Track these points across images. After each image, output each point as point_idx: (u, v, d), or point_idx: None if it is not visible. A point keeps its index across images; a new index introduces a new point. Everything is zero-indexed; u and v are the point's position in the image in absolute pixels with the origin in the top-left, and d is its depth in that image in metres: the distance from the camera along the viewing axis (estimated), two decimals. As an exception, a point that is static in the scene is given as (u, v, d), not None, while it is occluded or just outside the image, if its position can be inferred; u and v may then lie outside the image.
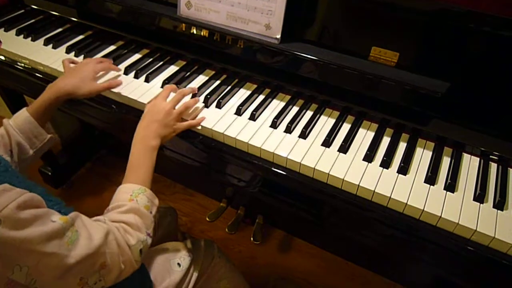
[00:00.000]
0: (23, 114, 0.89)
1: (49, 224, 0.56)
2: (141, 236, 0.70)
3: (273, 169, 0.87)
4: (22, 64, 1.14)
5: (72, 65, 1.04)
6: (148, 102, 0.93)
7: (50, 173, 1.77)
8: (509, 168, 0.85)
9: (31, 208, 0.55)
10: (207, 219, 1.62)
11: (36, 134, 0.90)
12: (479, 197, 0.78)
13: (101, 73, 1.03)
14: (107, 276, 0.64)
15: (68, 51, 1.15)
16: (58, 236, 0.56)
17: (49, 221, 0.56)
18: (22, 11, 1.31)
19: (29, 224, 0.53)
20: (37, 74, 1.12)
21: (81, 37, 1.22)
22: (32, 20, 1.28)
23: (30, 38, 1.19)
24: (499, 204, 0.77)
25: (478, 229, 0.73)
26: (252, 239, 1.60)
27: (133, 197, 0.74)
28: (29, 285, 0.55)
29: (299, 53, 0.92)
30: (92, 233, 0.62)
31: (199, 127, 0.92)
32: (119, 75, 1.06)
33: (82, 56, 1.13)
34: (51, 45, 1.16)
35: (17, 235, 0.51)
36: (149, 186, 0.79)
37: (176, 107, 0.90)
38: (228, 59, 1.04)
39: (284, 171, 0.87)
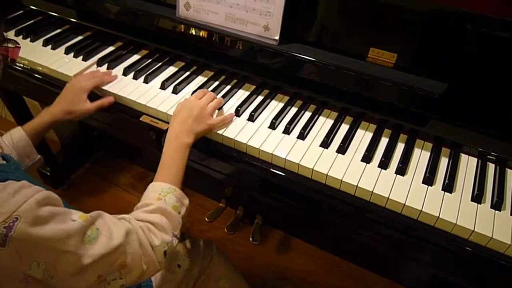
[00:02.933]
0: (19, 132, 0.91)
1: (69, 222, 0.56)
2: (166, 237, 0.69)
3: (271, 170, 0.88)
4: (21, 65, 1.14)
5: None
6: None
7: (49, 173, 1.78)
8: (506, 169, 0.86)
9: (49, 206, 0.55)
10: (206, 219, 1.62)
11: (28, 153, 0.92)
12: (477, 197, 0.78)
13: (97, 88, 1.01)
14: (128, 276, 0.63)
15: (67, 52, 1.15)
16: (77, 235, 0.56)
17: (69, 220, 0.56)
18: (21, 12, 1.31)
19: (48, 221, 0.53)
20: (36, 75, 1.12)
21: (80, 38, 1.22)
22: (31, 21, 1.28)
23: (29, 39, 1.19)
24: (497, 205, 0.77)
25: (476, 230, 0.73)
26: (251, 239, 1.61)
27: (161, 196, 0.73)
28: (46, 280, 0.55)
29: (297, 54, 0.93)
30: (113, 232, 0.61)
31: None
32: (117, 80, 1.05)
33: (81, 57, 1.13)
34: (50, 46, 1.16)
35: (36, 231, 0.51)
36: (180, 186, 0.78)
37: (209, 104, 0.90)
38: (226, 60, 1.04)
39: (283, 172, 0.87)
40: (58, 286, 0.57)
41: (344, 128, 0.93)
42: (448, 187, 0.80)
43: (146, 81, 1.05)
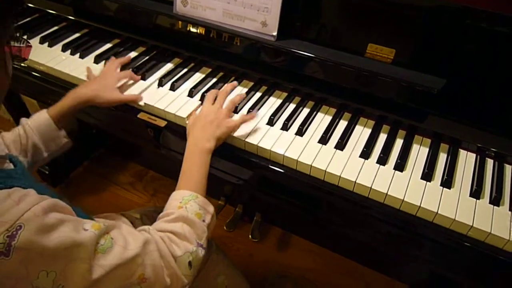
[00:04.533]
0: (43, 116, 0.87)
1: (80, 231, 0.53)
2: (189, 246, 0.65)
3: (270, 166, 0.87)
4: (18, 63, 1.14)
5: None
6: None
7: (47, 172, 1.78)
8: (505, 164, 0.85)
9: (57, 212, 0.52)
10: (205, 217, 1.62)
11: (54, 137, 0.89)
12: (476, 193, 0.78)
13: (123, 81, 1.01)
14: None
15: (64, 49, 1.14)
16: (88, 245, 0.53)
17: (81, 229, 0.53)
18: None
19: (55, 229, 0.50)
20: (33, 73, 1.11)
21: (77, 35, 1.21)
22: (28, 19, 1.27)
23: (25, 37, 1.18)
24: (495, 200, 0.77)
25: (474, 225, 0.73)
26: (250, 236, 1.61)
27: (182, 204, 0.70)
28: None
29: (295, 50, 0.92)
30: (130, 242, 0.58)
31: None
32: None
33: (78, 54, 1.12)
34: (47, 44, 1.16)
35: (42, 240, 0.48)
36: (203, 193, 0.75)
37: (224, 106, 0.89)
38: (224, 57, 1.03)
39: (281, 169, 0.87)
40: None
41: (342, 124, 0.93)
42: (447, 182, 0.80)
43: (143, 78, 1.04)
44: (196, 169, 0.77)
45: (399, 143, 0.89)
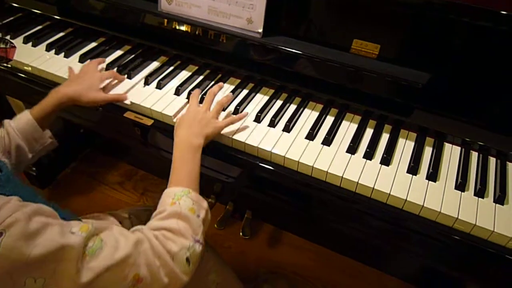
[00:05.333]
0: (26, 116, 0.86)
1: (67, 235, 0.52)
2: (185, 242, 0.63)
3: (258, 163, 0.87)
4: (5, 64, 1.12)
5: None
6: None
7: (35, 174, 1.75)
8: (489, 157, 0.87)
9: (41, 216, 0.51)
10: (196, 215, 1.62)
11: (37, 137, 0.88)
12: (461, 185, 0.79)
13: (107, 81, 1.00)
14: None
15: (48, 49, 1.13)
16: (76, 248, 0.51)
17: (67, 232, 0.52)
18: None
19: (39, 234, 0.49)
20: (18, 74, 1.10)
21: (61, 34, 1.20)
22: (11, 18, 1.25)
23: (8, 37, 1.17)
24: (480, 192, 0.78)
25: (459, 217, 0.74)
26: (241, 234, 1.61)
27: (175, 200, 0.68)
28: None
29: (281, 47, 0.92)
30: (121, 242, 0.57)
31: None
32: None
33: (62, 54, 1.11)
34: (30, 43, 1.14)
35: (25, 246, 0.47)
36: (196, 188, 0.74)
37: (211, 108, 0.88)
38: (211, 54, 1.03)
39: (269, 165, 0.87)
40: None
41: (329, 120, 0.94)
42: (432, 176, 0.81)
43: (129, 76, 1.03)
44: (186, 165, 0.76)
45: (385, 137, 0.90)
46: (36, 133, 0.87)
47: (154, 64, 1.09)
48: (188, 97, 0.97)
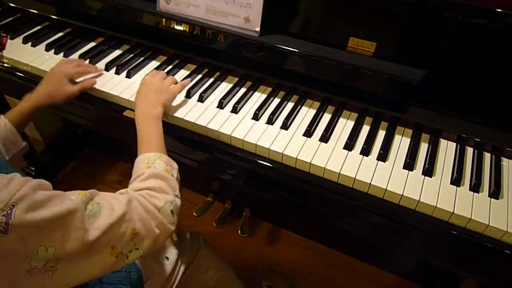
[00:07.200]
0: (3, 121, 0.90)
1: (67, 201, 0.56)
2: (168, 197, 0.70)
3: (256, 160, 0.88)
4: (1, 63, 1.12)
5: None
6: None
7: (34, 173, 1.76)
8: (484, 152, 0.88)
9: (44, 190, 0.55)
10: (195, 214, 1.62)
11: (14, 141, 0.92)
12: (456, 180, 0.81)
13: (79, 76, 1.02)
14: (142, 244, 0.64)
15: (47, 49, 1.14)
16: (79, 210, 0.56)
17: (67, 200, 0.56)
18: (-1, 9, 1.30)
19: (46, 204, 0.53)
20: (18, 73, 1.11)
21: (60, 34, 1.21)
22: (10, 18, 1.26)
23: (8, 37, 1.17)
24: (475, 187, 0.80)
25: (455, 211, 0.75)
26: (239, 232, 1.61)
27: (150, 164, 0.74)
28: (56, 270, 0.54)
29: (278, 45, 0.93)
30: (114, 204, 0.62)
31: (183, 120, 0.93)
32: (100, 74, 1.05)
33: (62, 54, 1.12)
34: (30, 43, 1.15)
35: (36, 215, 0.51)
36: (164, 152, 0.80)
37: (165, 79, 0.94)
38: (209, 53, 1.04)
39: (267, 162, 0.88)
40: (75, 274, 0.57)
41: (326, 117, 0.95)
42: (428, 171, 0.82)
43: (128, 76, 1.04)
44: (152, 134, 0.82)
45: (381, 134, 0.91)
46: (13, 137, 0.92)
47: (153, 63, 1.10)
48: (186, 96, 0.98)
